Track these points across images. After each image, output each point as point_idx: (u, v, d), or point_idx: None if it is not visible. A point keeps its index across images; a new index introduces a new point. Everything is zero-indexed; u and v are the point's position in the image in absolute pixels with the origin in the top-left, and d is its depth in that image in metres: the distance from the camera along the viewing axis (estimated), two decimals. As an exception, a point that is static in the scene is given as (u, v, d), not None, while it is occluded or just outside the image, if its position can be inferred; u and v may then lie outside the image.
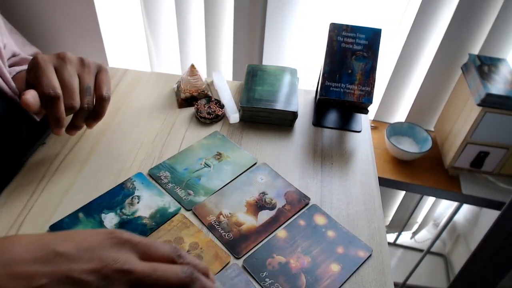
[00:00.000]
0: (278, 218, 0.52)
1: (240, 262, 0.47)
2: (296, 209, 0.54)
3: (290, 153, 0.62)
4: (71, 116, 0.54)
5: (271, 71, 0.71)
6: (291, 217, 0.53)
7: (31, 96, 0.48)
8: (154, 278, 0.33)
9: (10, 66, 0.67)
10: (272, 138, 0.64)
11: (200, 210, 0.52)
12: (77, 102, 0.51)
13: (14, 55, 0.69)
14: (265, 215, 0.53)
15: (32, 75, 0.50)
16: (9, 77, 0.59)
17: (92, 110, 0.55)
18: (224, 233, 0.50)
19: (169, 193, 0.54)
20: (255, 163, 0.59)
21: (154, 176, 0.57)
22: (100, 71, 0.56)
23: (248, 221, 0.52)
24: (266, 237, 0.50)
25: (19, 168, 0.57)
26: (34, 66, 0.50)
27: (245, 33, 1.04)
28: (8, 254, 0.33)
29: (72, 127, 0.55)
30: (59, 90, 0.49)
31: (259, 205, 0.54)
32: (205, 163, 0.58)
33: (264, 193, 0.55)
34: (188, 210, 0.52)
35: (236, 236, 0.50)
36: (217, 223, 0.51)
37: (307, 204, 0.55)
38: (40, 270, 0.32)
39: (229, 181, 0.56)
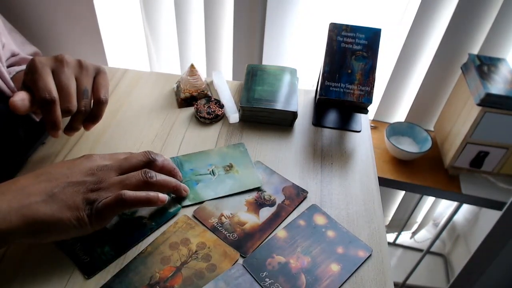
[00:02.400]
0: (280, 214, 0.53)
1: (240, 262, 0.47)
2: (295, 203, 0.54)
3: (290, 153, 0.62)
4: (68, 117, 0.54)
5: (271, 71, 0.71)
6: (292, 211, 0.53)
7: (19, 99, 0.49)
8: (128, 161, 0.48)
9: (9, 66, 0.67)
10: (272, 138, 0.64)
11: (201, 214, 0.52)
12: (73, 105, 0.51)
13: (13, 55, 0.69)
14: (266, 212, 0.53)
15: (29, 78, 0.50)
16: (7, 77, 0.59)
17: (90, 113, 0.55)
18: (228, 234, 0.50)
19: None
20: (258, 187, 0.56)
21: None
22: (98, 74, 0.56)
23: (251, 219, 0.52)
24: (270, 234, 0.50)
25: (19, 168, 0.57)
26: (31, 69, 0.50)
27: (245, 33, 1.04)
28: (17, 184, 0.43)
29: (70, 129, 0.55)
30: (55, 94, 0.49)
31: (259, 203, 0.54)
32: (212, 170, 0.58)
33: (262, 191, 0.55)
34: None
35: (240, 236, 0.50)
36: (219, 224, 0.51)
37: (305, 198, 0.55)
38: (47, 185, 0.43)
39: (221, 195, 0.54)
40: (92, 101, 0.55)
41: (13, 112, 0.48)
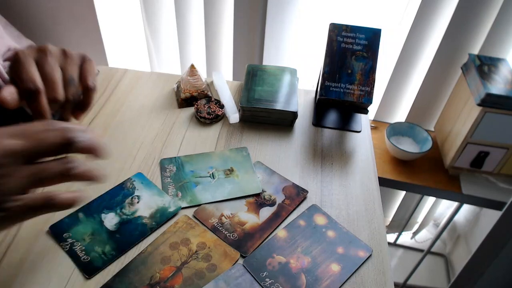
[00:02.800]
0: (280, 213, 0.53)
1: (241, 262, 0.47)
2: (296, 203, 0.54)
3: (290, 153, 0.62)
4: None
5: (271, 71, 0.71)
6: (292, 211, 0.53)
7: (8, 93, 0.48)
8: (43, 144, 0.37)
9: (5, 60, 0.67)
10: (272, 138, 0.64)
11: (202, 214, 0.52)
12: (60, 94, 0.50)
13: (9, 49, 0.69)
14: (266, 212, 0.53)
15: (13, 71, 0.50)
16: (3, 70, 0.58)
17: (79, 101, 0.54)
18: (229, 234, 0.50)
19: (162, 186, 0.55)
20: (258, 193, 0.55)
21: (162, 165, 0.57)
22: (84, 61, 0.55)
23: (251, 219, 0.52)
24: (271, 233, 0.50)
25: None
26: (15, 62, 0.49)
27: (245, 33, 1.04)
28: None
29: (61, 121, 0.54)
30: (39, 84, 0.49)
31: (259, 203, 0.54)
32: (212, 173, 0.58)
33: (262, 191, 0.55)
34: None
35: (240, 236, 0.50)
36: (220, 224, 0.51)
37: (305, 197, 0.55)
38: None
39: (219, 199, 0.54)
40: (80, 89, 0.54)
41: (4, 106, 0.48)
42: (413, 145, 1.11)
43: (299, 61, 1.11)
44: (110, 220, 0.50)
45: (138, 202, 0.53)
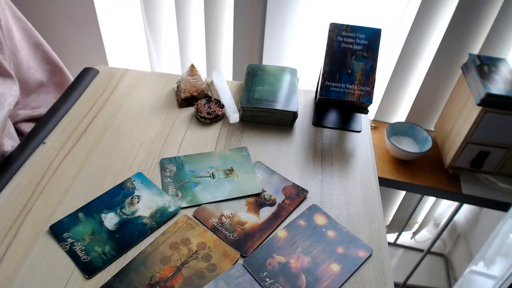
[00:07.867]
0: (280, 213, 0.53)
1: (241, 262, 0.47)
2: (296, 203, 0.54)
3: (290, 153, 0.62)
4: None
5: (271, 71, 0.71)
6: (292, 211, 0.53)
7: None
8: None
9: None
10: (272, 138, 0.64)
11: (201, 213, 0.52)
12: None
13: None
14: (266, 212, 0.53)
15: None
16: None
17: None
18: (229, 234, 0.50)
19: (162, 186, 0.55)
20: (258, 193, 0.55)
21: (162, 165, 0.57)
22: None
23: (251, 219, 0.52)
24: (271, 233, 0.50)
25: None
26: None
27: (245, 33, 1.04)
28: None
29: None
30: None
31: (259, 203, 0.54)
32: (212, 173, 0.58)
33: (262, 190, 0.55)
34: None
35: (240, 236, 0.50)
36: (220, 224, 0.51)
37: (305, 197, 0.55)
38: None
39: (219, 199, 0.54)
40: None
41: None
42: (413, 145, 1.11)
43: (299, 61, 1.11)
44: (110, 220, 0.50)
45: (138, 202, 0.53)
